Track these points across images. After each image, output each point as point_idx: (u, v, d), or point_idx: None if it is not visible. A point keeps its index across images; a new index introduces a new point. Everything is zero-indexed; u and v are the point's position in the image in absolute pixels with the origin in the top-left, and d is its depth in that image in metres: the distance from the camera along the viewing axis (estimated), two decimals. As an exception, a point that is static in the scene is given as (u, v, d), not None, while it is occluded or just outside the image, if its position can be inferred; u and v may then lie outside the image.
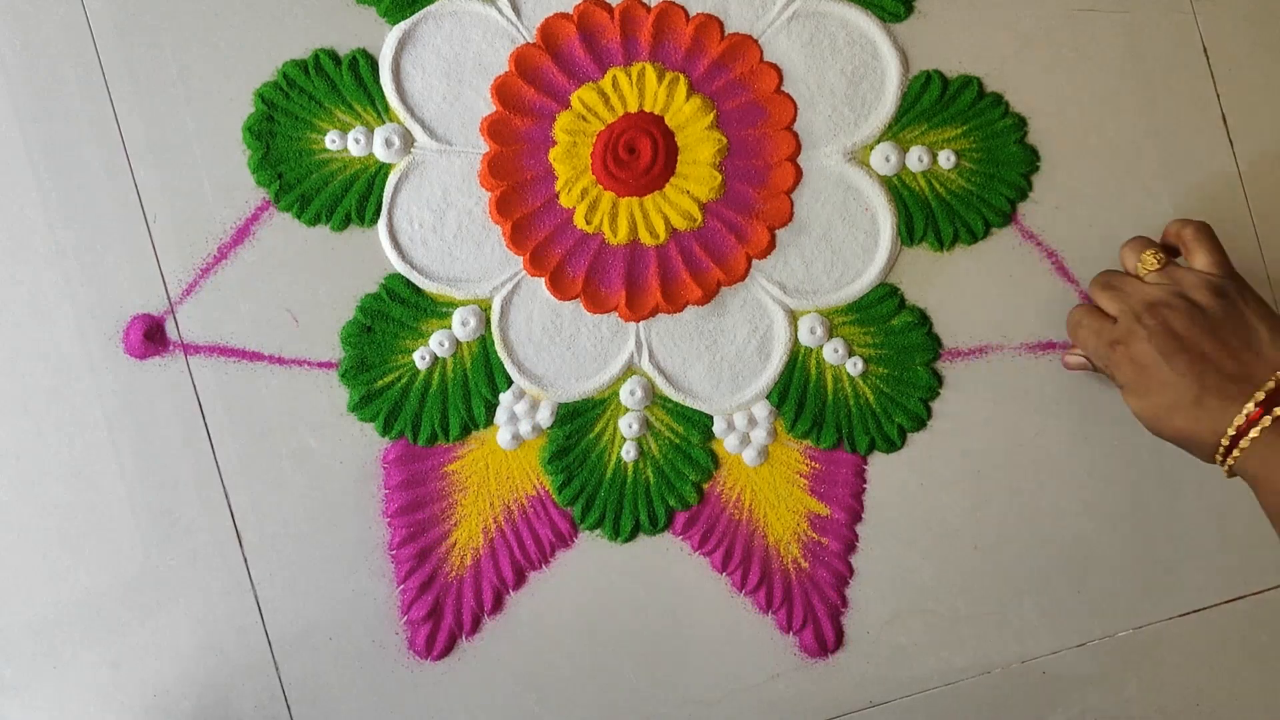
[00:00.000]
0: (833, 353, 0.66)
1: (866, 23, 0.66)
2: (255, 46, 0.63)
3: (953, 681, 0.66)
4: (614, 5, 0.65)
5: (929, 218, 0.66)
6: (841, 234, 0.66)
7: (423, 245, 0.64)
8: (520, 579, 0.64)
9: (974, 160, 0.67)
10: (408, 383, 0.64)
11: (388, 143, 0.63)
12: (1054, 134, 0.67)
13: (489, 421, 0.64)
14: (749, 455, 0.66)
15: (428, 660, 0.64)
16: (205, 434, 0.63)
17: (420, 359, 0.64)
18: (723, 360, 0.66)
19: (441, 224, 0.64)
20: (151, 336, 0.62)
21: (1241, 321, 0.56)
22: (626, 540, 0.65)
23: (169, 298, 0.63)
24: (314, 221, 0.63)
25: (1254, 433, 0.53)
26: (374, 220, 0.64)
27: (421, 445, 0.64)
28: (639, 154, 0.64)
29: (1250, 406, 0.53)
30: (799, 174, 0.66)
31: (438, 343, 0.64)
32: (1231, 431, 0.54)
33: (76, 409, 0.62)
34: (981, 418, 0.67)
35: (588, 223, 0.65)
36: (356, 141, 0.63)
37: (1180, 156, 0.68)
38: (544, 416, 0.64)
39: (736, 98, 0.66)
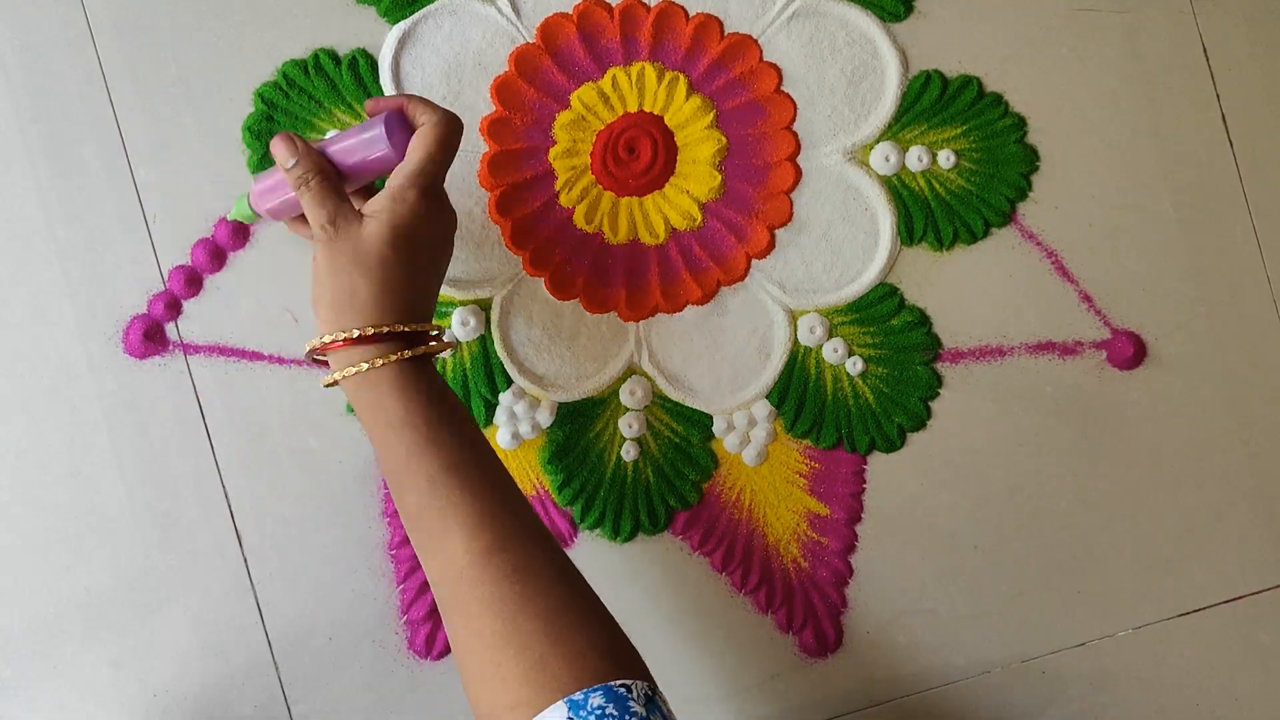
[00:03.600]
0: (832, 352, 0.66)
1: (866, 22, 0.66)
2: (255, 46, 0.63)
3: (953, 681, 0.66)
4: (614, 5, 0.65)
5: (929, 217, 0.66)
6: (841, 234, 0.66)
7: (423, 245, 0.64)
8: (520, 579, 0.64)
9: (974, 160, 0.67)
10: (408, 383, 0.64)
11: (388, 143, 0.63)
12: (1054, 134, 0.67)
13: (489, 421, 0.64)
14: (749, 455, 0.66)
15: (427, 660, 0.64)
16: (205, 434, 0.63)
17: (420, 359, 0.64)
18: (723, 360, 0.66)
19: (441, 224, 0.64)
20: (151, 336, 0.62)
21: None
22: (626, 540, 0.65)
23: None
24: (314, 221, 0.63)
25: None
26: (374, 220, 0.64)
27: (421, 445, 0.64)
28: (639, 154, 0.64)
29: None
30: (799, 174, 0.66)
31: (438, 343, 0.64)
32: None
33: (76, 409, 0.62)
34: (981, 418, 0.67)
35: (588, 222, 0.65)
36: (356, 141, 0.63)
37: (1180, 156, 0.68)
38: (544, 416, 0.64)
39: (736, 97, 0.66)
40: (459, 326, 0.64)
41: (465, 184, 0.64)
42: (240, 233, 0.63)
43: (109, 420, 0.62)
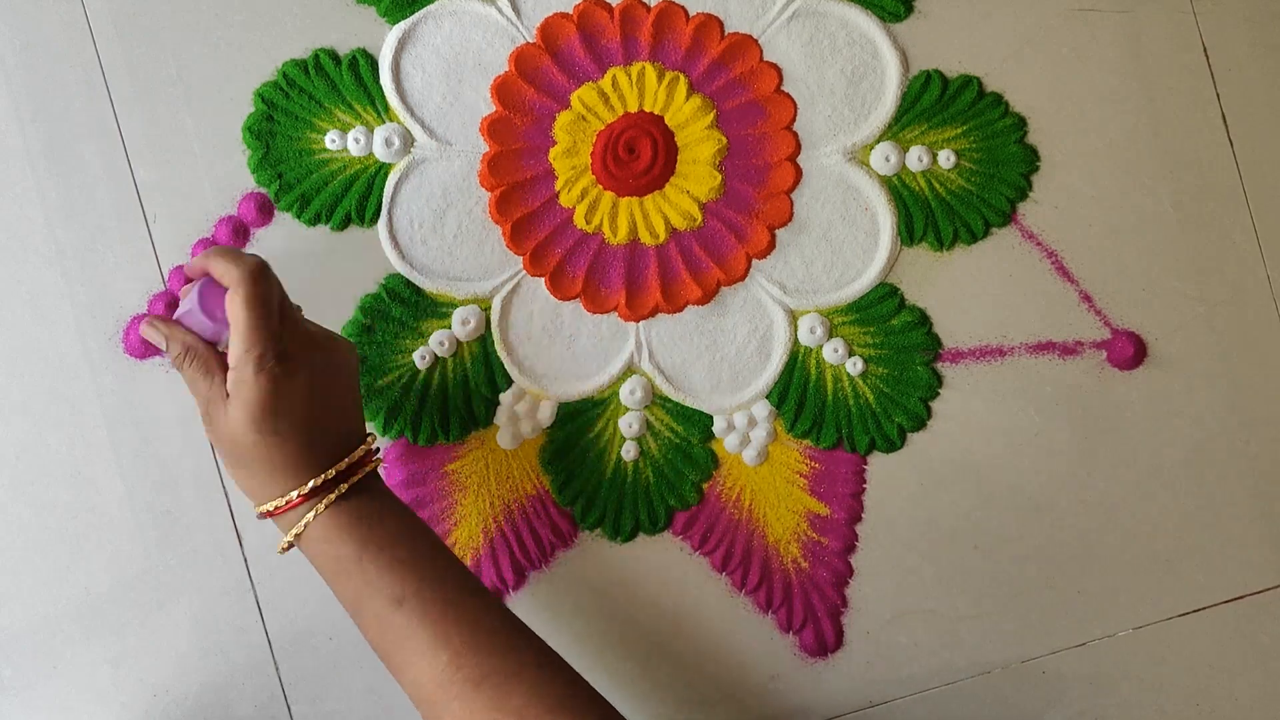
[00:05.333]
0: (832, 352, 0.66)
1: (866, 22, 0.66)
2: (255, 46, 0.63)
3: (953, 681, 0.66)
4: (614, 5, 0.65)
5: (929, 217, 0.66)
6: (841, 234, 0.66)
7: (423, 245, 0.64)
8: (520, 579, 0.64)
9: (974, 160, 0.67)
10: (408, 382, 0.64)
11: (387, 143, 0.63)
12: (1054, 134, 0.67)
13: (489, 421, 0.64)
14: (749, 455, 0.66)
15: (428, 660, 0.64)
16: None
17: (420, 359, 0.64)
18: (723, 360, 0.66)
19: (441, 224, 0.64)
20: (151, 336, 0.62)
21: None
22: (626, 540, 0.65)
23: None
24: (314, 221, 0.63)
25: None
26: (374, 220, 0.64)
27: (421, 444, 0.64)
28: (639, 154, 0.64)
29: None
30: (799, 174, 0.66)
31: (438, 342, 0.64)
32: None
33: (76, 409, 0.62)
34: (981, 418, 0.67)
35: (587, 222, 0.65)
36: (356, 141, 0.63)
37: (1180, 156, 0.68)
38: (544, 416, 0.64)
39: (736, 97, 0.66)
40: (459, 326, 0.64)
41: (465, 184, 0.64)
42: (240, 233, 0.63)
43: (109, 420, 0.62)
